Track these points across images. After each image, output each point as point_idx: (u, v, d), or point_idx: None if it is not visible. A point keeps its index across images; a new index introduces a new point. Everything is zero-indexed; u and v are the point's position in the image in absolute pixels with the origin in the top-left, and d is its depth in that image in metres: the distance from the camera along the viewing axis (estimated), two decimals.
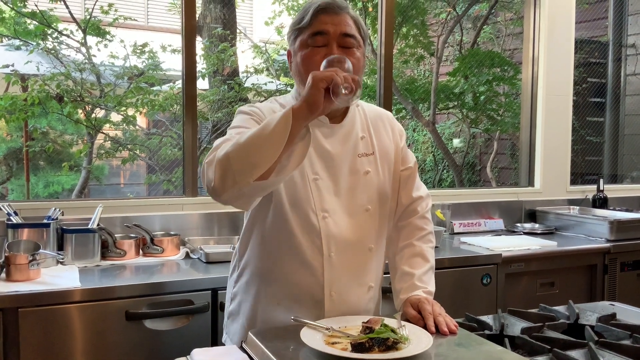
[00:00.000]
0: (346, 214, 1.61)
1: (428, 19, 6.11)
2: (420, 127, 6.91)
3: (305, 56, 1.56)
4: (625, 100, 5.62)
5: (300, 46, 1.58)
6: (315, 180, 1.59)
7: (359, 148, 1.65)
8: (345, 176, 1.62)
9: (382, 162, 1.68)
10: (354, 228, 1.62)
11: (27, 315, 1.99)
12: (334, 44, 1.55)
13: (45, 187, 5.37)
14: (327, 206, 1.59)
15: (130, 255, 2.56)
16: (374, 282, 1.69)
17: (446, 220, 3.37)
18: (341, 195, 1.61)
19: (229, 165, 1.35)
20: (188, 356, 1.43)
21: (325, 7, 1.56)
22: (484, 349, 1.39)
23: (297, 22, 1.60)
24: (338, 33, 1.55)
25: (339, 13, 1.57)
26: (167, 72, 4.92)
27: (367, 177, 1.65)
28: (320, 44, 1.55)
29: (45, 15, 4.39)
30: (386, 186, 1.68)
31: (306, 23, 1.57)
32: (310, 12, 1.56)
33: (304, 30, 1.57)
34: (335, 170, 1.62)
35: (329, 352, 1.30)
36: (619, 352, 1.44)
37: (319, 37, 1.55)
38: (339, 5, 1.57)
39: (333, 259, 1.59)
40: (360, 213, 1.63)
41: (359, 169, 1.64)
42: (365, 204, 1.64)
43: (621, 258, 3.18)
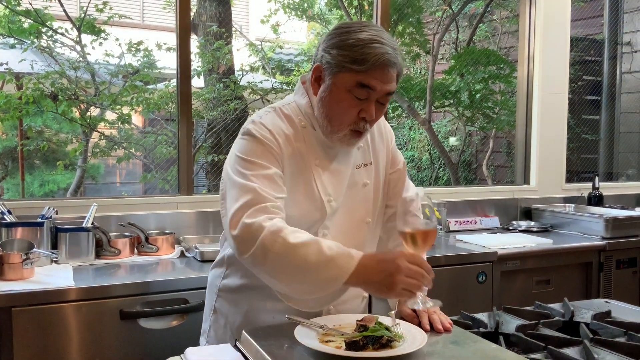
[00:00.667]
0: (345, 228, 1.59)
1: (424, 17, 6.11)
2: (416, 126, 6.91)
3: (344, 105, 1.48)
4: (620, 98, 5.63)
5: (342, 87, 1.47)
6: (329, 202, 1.55)
7: (357, 159, 1.62)
8: (344, 190, 1.59)
9: (379, 170, 1.66)
10: (352, 242, 1.55)
11: (20, 314, 1.98)
12: (374, 102, 1.48)
13: (40, 186, 5.35)
14: (328, 223, 1.56)
15: (125, 254, 2.55)
16: (366, 293, 1.69)
17: (442, 218, 3.37)
18: (342, 209, 1.58)
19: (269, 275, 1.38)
20: (182, 355, 1.42)
21: (385, 63, 1.44)
22: (478, 347, 1.39)
23: (350, 59, 1.44)
24: (384, 92, 1.48)
25: (392, 70, 1.46)
26: (163, 71, 4.90)
27: (366, 189, 1.62)
28: (362, 98, 1.47)
29: (39, 14, 4.37)
30: (382, 196, 1.67)
31: (361, 69, 1.44)
32: (371, 61, 1.43)
33: (354, 73, 1.45)
34: (340, 185, 1.58)
35: (323, 351, 1.29)
36: (614, 350, 1.44)
37: (364, 90, 1.46)
38: (395, 58, 1.46)
39: None
40: (360, 226, 1.62)
41: (358, 182, 1.61)
42: (365, 217, 1.62)
43: (616, 256, 3.18)
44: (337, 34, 1.49)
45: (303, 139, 1.55)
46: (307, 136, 1.56)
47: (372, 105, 1.48)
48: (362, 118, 1.49)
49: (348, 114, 1.48)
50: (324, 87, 1.51)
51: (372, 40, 1.44)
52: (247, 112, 4.99)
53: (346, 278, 1.31)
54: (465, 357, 1.28)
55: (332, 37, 1.50)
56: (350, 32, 1.47)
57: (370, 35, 1.45)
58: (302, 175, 1.53)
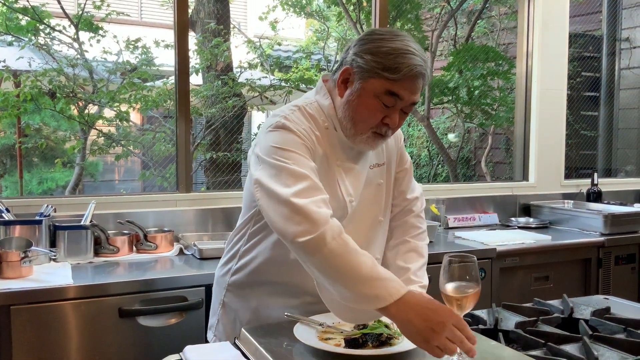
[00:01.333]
0: (360, 227, 1.61)
1: (422, 13, 6.09)
2: (415, 122, 6.91)
3: (371, 109, 1.50)
4: (619, 95, 5.63)
5: (371, 92, 1.49)
6: (350, 202, 1.58)
7: (371, 159, 1.66)
8: (360, 189, 1.62)
9: (389, 171, 1.69)
10: (367, 240, 1.61)
11: (19, 312, 1.98)
12: (399, 110, 1.51)
13: (39, 183, 5.34)
14: (345, 222, 1.55)
15: (124, 251, 2.55)
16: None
17: (441, 215, 3.37)
18: (357, 209, 1.61)
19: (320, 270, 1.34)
20: (181, 353, 1.42)
21: (417, 75, 1.47)
22: (478, 344, 1.38)
23: (384, 66, 1.46)
24: (410, 102, 1.51)
25: (421, 82, 1.49)
26: (161, 68, 4.89)
27: (380, 189, 1.66)
28: (389, 105, 1.49)
29: (37, 11, 4.35)
30: (393, 195, 1.70)
31: (393, 78, 1.46)
32: (403, 71, 1.45)
33: (385, 80, 1.46)
34: (359, 187, 1.61)
35: (323, 348, 1.29)
36: (613, 346, 1.44)
37: (393, 99, 1.48)
38: (426, 72, 1.49)
39: None
40: (374, 225, 1.65)
41: (372, 181, 1.65)
42: (378, 216, 1.66)
43: (615, 252, 3.18)
44: (371, 40, 1.51)
45: (327, 139, 1.57)
46: (330, 137, 1.57)
47: (397, 114, 1.51)
48: (385, 124, 1.52)
49: (373, 119, 1.51)
50: (351, 90, 1.52)
51: (406, 50, 1.46)
52: (246, 109, 4.99)
53: (388, 303, 1.27)
54: (464, 354, 1.28)
55: (365, 42, 1.51)
56: (384, 40, 1.49)
57: (404, 45, 1.47)
58: (327, 175, 1.55)
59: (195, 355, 1.38)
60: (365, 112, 1.51)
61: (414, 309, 1.26)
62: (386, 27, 1.55)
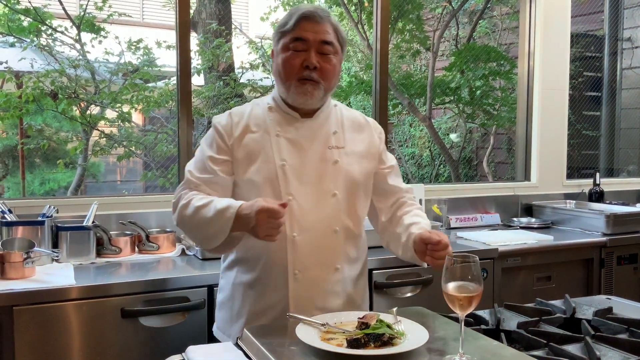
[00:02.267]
0: (312, 198, 1.73)
1: (424, 13, 6.09)
2: (416, 122, 6.91)
3: (286, 59, 1.72)
4: (621, 94, 5.62)
5: (282, 49, 1.74)
6: (282, 166, 1.72)
7: (330, 141, 1.79)
8: (314, 164, 1.76)
9: (353, 155, 1.81)
10: (319, 211, 1.73)
11: (21, 313, 1.98)
12: (313, 51, 1.71)
13: (41, 184, 5.35)
14: (293, 190, 1.71)
15: (126, 252, 2.55)
16: (340, 264, 1.76)
17: (443, 215, 3.37)
18: (308, 181, 1.74)
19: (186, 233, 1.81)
20: (184, 353, 1.43)
21: (308, 15, 1.71)
22: (480, 344, 1.39)
23: (281, 26, 1.75)
24: (318, 40, 1.71)
25: (320, 22, 1.72)
26: (162, 69, 4.90)
27: (336, 166, 1.77)
28: (300, 49, 1.71)
29: (39, 12, 4.36)
30: (355, 175, 1.79)
31: (289, 28, 1.72)
32: (294, 18, 1.71)
33: (287, 34, 1.73)
34: (303, 158, 1.75)
35: (325, 349, 1.29)
36: (616, 346, 1.44)
37: (300, 43, 1.71)
38: (321, 14, 1.72)
39: (296, 239, 1.70)
40: (327, 198, 1.75)
41: (328, 159, 1.77)
42: (332, 190, 1.75)
43: (618, 252, 3.18)
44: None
45: (268, 118, 1.79)
46: (273, 115, 1.80)
47: (311, 53, 1.71)
48: (305, 67, 1.71)
49: (292, 65, 1.72)
50: (274, 60, 1.79)
51: (296, 8, 1.75)
52: None
53: (230, 227, 1.59)
54: (467, 354, 1.28)
55: None
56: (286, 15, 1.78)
57: (298, 6, 1.75)
58: (264, 145, 1.75)
59: (197, 356, 1.38)
60: (284, 65, 1.73)
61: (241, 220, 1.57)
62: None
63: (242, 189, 1.76)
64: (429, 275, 2.63)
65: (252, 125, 1.78)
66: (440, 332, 1.46)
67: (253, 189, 1.72)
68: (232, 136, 1.76)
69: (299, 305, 1.69)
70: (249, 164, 1.74)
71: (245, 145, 1.75)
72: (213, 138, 1.78)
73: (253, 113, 1.81)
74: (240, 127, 1.77)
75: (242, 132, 1.77)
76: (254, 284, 1.74)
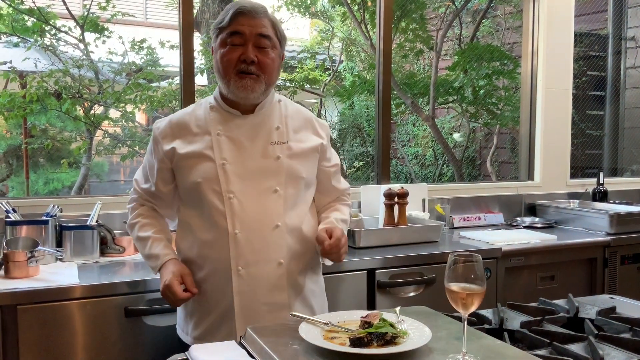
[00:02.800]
0: (253, 195, 1.77)
1: (427, 13, 6.09)
2: (419, 122, 6.90)
3: (223, 54, 1.75)
4: (625, 94, 5.61)
5: (219, 44, 1.77)
6: (222, 165, 1.76)
7: (272, 137, 1.82)
8: (255, 161, 1.79)
9: (296, 150, 1.84)
10: (260, 207, 1.77)
11: (25, 312, 1.99)
12: (250, 44, 1.73)
13: (45, 184, 5.36)
14: (233, 188, 1.75)
15: (130, 251, 2.56)
16: (284, 258, 1.79)
17: (446, 215, 3.37)
18: (249, 178, 1.78)
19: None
20: (187, 352, 1.43)
21: (243, 10, 1.74)
22: (483, 343, 1.39)
23: (218, 22, 1.78)
24: (254, 34, 1.74)
25: (255, 16, 1.74)
26: (166, 68, 4.91)
27: (278, 162, 1.80)
28: (237, 43, 1.74)
29: (43, 12, 4.37)
30: (298, 170, 1.83)
31: (225, 23, 1.75)
32: (230, 13, 1.74)
33: (224, 29, 1.75)
34: (244, 155, 1.79)
35: (328, 348, 1.29)
36: (619, 346, 1.43)
37: (236, 37, 1.74)
38: (256, 9, 1.75)
39: (238, 236, 1.74)
40: (268, 194, 1.78)
41: (270, 155, 1.80)
42: (274, 186, 1.79)
43: (621, 251, 3.17)
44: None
45: (209, 117, 1.82)
46: (214, 114, 1.82)
47: (248, 47, 1.73)
48: (243, 61, 1.73)
49: (230, 60, 1.74)
50: (214, 57, 1.80)
51: (233, 4, 1.77)
52: None
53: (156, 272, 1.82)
54: (470, 353, 1.28)
55: None
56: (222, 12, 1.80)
57: (233, 3, 1.77)
58: (204, 146, 1.78)
59: (200, 355, 1.38)
60: (221, 60, 1.76)
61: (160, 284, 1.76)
62: None
63: (186, 191, 1.81)
64: (432, 274, 2.63)
65: (193, 127, 1.81)
66: (443, 331, 1.45)
67: (195, 191, 1.77)
68: (170, 142, 1.80)
69: (244, 301, 1.75)
70: (190, 167, 1.78)
71: (185, 149, 1.79)
72: (152, 145, 1.85)
73: (194, 114, 1.84)
74: (180, 131, 1.81)
75: (182, 135, 1.81)
76: (200, 282, 1.79)
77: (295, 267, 1.82)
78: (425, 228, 2.92)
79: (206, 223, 1.78)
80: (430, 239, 2.90)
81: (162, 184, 1.86)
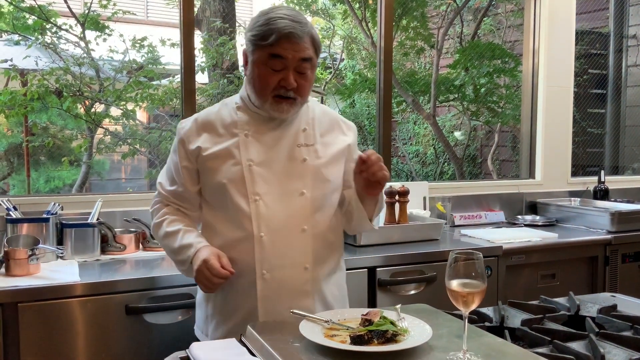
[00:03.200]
0: (279, 197, 1.73)
1: (428, 11, 6.09)
2: (420, 120, 6.90)
3: (262, 76, 1.67)
4: (626, 92, 5.60)
5: (258, 61, 1.67)
6: (249, 166, 1.72)
7: (299, 139, 1.78)
8: (281, 163, 1.75)
9: (323, 152, 1.80)
10: (286, 210, 1.72)
11: (26, 310, 1.99)
12: (291, 70, 1.66)
13: (46, 182, 5.37)
14: (259, 190, 1.71)
15: (130, 249, 2.56)
16: (310, 263, 1.74)
17: (447, 213, 3.37)
18: (276, 180, 1.74)
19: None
20: (187, 350, 1.43)
21: (288, 35, 1.63)
22: (484, 341, 1.39)
23: (258, 37, 1.66)
24: (297, 59, 1.66)
25: (299, 40, 1.65)
26: (167, 66, 4.91)
27: (305, 164, 1.76)
28: (278, 69, 1.66)
29: (43, 10, 4.37)
30: (325, 173, 1.78)
31: (269, 43, 1.64)
32: (273, 36, 1.63)
33: (264, 48, 1.65)
34: (271, 157, 1.75)
35: (328, 345, 1.29)
36: (620, 344, 1.43)
37: (278, 61, 1.65)
38: (301, 31, 1.65)
39: (264, 239, 1.69)
40: (295, 197, 1.74)
41: (297, 157, 1.76)
42: (300, 189, 1.74)
43: (622, 249, 3.17)
44: (252, 20, 1.71)
45: (236, 117, 1.77)
46: (241, 114, 1.77)
47: (289, 74, 1.66)
48: (282, 86, 1.67)
49: (268, 84, 1.67)
50: (248, 69, 1.73)
51: (276, 17, 1.65)
52: None
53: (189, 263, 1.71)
54: (471, 351, 1.28)
55: (250, 23, 1.72)
56: (260, 15, 1.69)
57: (275, 14, 1.66)
58: (230, 146, 1.74)
59: (201, 352, 1.38)
60: (260, 81, 1.68)
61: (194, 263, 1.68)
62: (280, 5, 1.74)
63: (211, 192, 1.77)
64: (432, 272, 2.63)
65: (218, 126, 1.77)
66: (443, 329, 1.45)
67: (220, 192, 1.73)
68: (196, 142, 1.76)
69: (268, 306, 1.70)
70: (216, 167, 1.73)
71: (210, 149, 1.74)
72: (177, 145, 1.80)
73: (220, 114, 1.79)
74: (205, 131, 1.77)
75: (207, 135, 1.76)
76: (224, 284, 1.71)
77: (320, 272, 1.77)
78: (426, 226, 2.91)
79: (231, 225, 1.73)
80: (431, 237, 2.90)
81: (190, 185, 1.79)
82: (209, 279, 1.64)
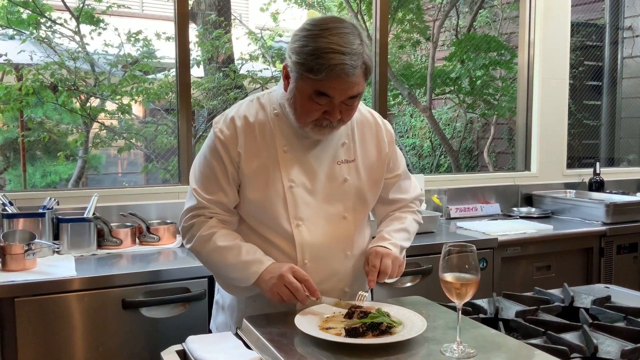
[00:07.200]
0: (322, 222, 1.63)
1: (424, 3, 6.08)
2: (417, 113, 6.90)
3: (305, 106, 1.51)
4: (622, 83, 5.61)
5: (302, 92, 1.50)
6: (290, 187, 1.60)
7: (339, 155, 1.66)
8: (322, 183, 1.63)
9: (364, 168, 1.69)
10: (330, 235, 1.63)
11: (23, 304, 1.99)
12: (337, 106, 1.50)
13: (42, 177, 5.35)
14: (302, 214, 1.60)
15: (127, 244, 2.56)
16: (349, 286, 1.69)
17: (442, 206, 3.38)
18: (317, 203, 1.63)
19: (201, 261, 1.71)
20: (184, 343, 1.44)
21: (339, 73, 1.44)
22: (478, 333, 1.39)
23: (306, 68, 1.46)
24: (344, 98, 1.49)
25: (350, 77, 1.46)
26: (162, 60, 4.89)
27: (346, 185, 1.65)
28: (323, 103, 1.49)
29: (38, 4, 4.35)
30: (366, 193, 1.69)
31: (318, 79, 1.45)
32: (322, 73, 1.44)
33: (311, 81, 1.47)
34: (312, 178, 1.63)
35: (324, 337, 1.30)
36: (613, 334, 1.44)
37: (324, 98, 1.48)
38: (353, 65, 1.45)
39: (308, 266, 1.60)
40: (337, 221, 1.65)
41: (338, 177, 1.65)
42: (342, 212, 1.65)
43: (617, 241, 3.19)
44: (299, 38, 1.50)
45: (274, 126, 1.63)
46: (279, 124, 1.63)
47: (335, 109, 1.51)
48: (325, 118, 1.53)
49: (311, 117, 1.53)
50: (289, 89, 1.54)
51: (327, 49, 1.44)
52: None
53: (253, 281, 1.55)
54: (465, 342, 1.29)
55: (295, 39, 1.52)
56: (309, 38, 1.47)
57: (326, 44, 1.44)
58: (270, 160, 1.61)
59: (197, 346, 1.39)
60: (302, 109, 1.53)
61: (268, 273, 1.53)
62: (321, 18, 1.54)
63: (247, 205, 1.64)
64: (428, 265, 2.64)
65: (257, 133, 1.61)
66: (438, 321, 1.46)
67: (258, 209, 1.62)
68: (236, 146, 1.60)
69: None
70: (255, 180, 1.61)
71: (250, 161, 1.60)
72: (216, 150, 1.61)
73: (258, 118, 1.63)
74: (244, 135, 1.61)
75: (246, 141, 1.61)
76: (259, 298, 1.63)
77: (357, 291, 1.68)
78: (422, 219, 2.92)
79: (271, 247, 1.62)
80: (427, 229, 2.91)
81: (232, 192, 1.63)
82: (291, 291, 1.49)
